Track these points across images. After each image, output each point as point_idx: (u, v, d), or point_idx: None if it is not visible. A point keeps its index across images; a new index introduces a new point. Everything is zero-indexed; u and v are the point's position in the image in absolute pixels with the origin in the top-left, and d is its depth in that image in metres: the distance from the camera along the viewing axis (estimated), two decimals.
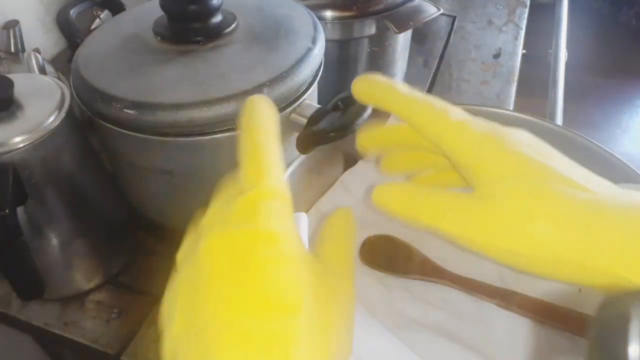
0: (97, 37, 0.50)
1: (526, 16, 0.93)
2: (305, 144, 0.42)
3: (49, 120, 0.40)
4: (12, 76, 0.42)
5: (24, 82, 0.42)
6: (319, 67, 0.48)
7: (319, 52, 0.47)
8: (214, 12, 0.46)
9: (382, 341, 0.37)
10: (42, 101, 0.41)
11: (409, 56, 0.74)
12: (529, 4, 0.96)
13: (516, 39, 0.88)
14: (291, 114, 0.45)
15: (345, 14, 0.59)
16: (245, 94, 0.42)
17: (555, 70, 0.97)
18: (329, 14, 0.59)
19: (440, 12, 0.63)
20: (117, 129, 0.43)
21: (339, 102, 0.44)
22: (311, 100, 0.48)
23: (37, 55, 0.61)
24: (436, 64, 0.85)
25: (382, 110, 0.28)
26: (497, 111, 0.47)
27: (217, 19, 0.47)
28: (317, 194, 0.47)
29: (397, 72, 0.71)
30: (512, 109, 0.75)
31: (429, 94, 0.26)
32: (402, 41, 0.68)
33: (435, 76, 0.82)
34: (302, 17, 0.50)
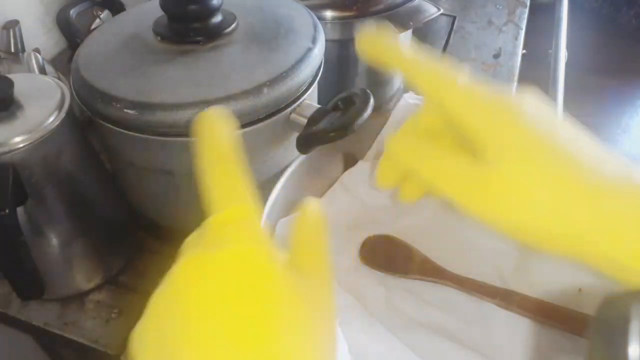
0: (97, 37, 0.50)
1: (526, 16, 0.93)
2: (305, 144, 0.42)
3: (49, 120, 0.40)
4: (12, 76, 0.42)
5: (24, 82, 0.42)
6: (319, 67, 0.48)
7: (319, 52, 0.47)
8: (214, 12, 0.46)
9: (382, 341, 0.37)
10: (42, 101, 0.41)
11: None
12: (529, 4, 0.96)
13: (516, 39, 0.88)
14: (291, 114, 0.45)
15: (345, 14, 0.59)
16: (245, 94, 0.42)
17: (555, 70, 0.97)
18: (329, 14, 0.59)
19: (440, 12, 0.63)
20: (117, 129, 0.43)
21: (339, 102, 0.44)
22: (311, 100, 0.48)
23: (37, 55, 0.61)
24: None
25: (387, 68, 0.27)
26: None
27: (217, 19, 0.47)
28: (317, 194, 0.47)
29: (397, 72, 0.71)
30: None
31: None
32: (402, 41, 0.68)
33: None
34: (302, 17, 0.50)
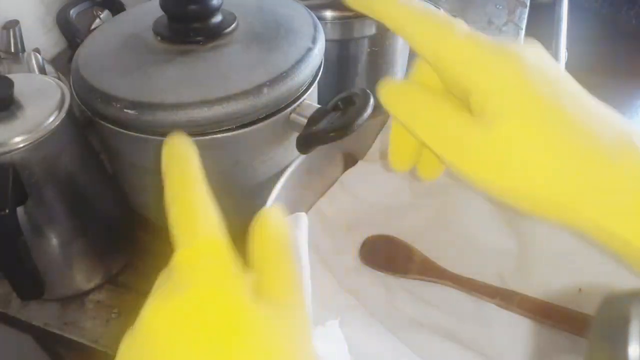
0: (97, 37, 0.50)
1: (526, 16, 0.93)
2: (305, 144, 0.42)
3: (49, 120, 0.40)
4: (12, 76, 0.42)
5: (24, 82, 0.42)
6: (319, 67, 0.48)
7: (319, 52, 0.47)
8: (214, 12, 0.46)
9: (382, 341, 0.37)
10: (42, 101, 0.41)
11: (409, 56, 0.74)
12: (529, 4, 0.96)
13: (516, 39, 0.88)
14: (291, 114, 0.45)
15: (345, 14, 0.59)
16: (245, 94, 0.42)
17: None
18: (329, 14, 0.59)
19: None
20: (117, 129, 0.43)
21: (339, 102, 0.44)
22: (311, 100, 0.48)
23: (37, 55, 0.61)
24: None
25: (375, 19, 0.25)
26: None
27: (217, 19, 0.47)
28: (317, 194, 0.47)
29: (397, 72, 0.71)
30: None
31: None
32: (402, 41, 0.68)
33: None
34: (302, 17, 0.50)
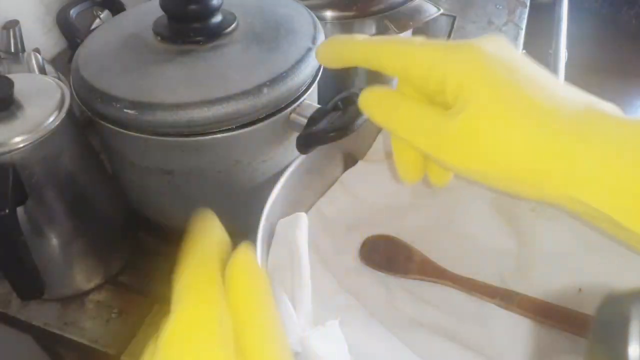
0: (97, 37, 0.50)
1: (526, 16, 0.93)
2: (305, 144, 0.42)
3: (49, 120, 0.40)
4: (12, 76, 0.42)
5: (24, 82, 0.42)
6: (319, 67, 0.48)
7: None
8: (214, 12, 0.46)
9: (382, 341, 0.37)
10: (42, 101, 0.41)
11: None
12: (529, 4, 0.96)
13: (516, 39, 0.88)
14: (291, 114, 0.45)
15: (345, 14, 0.59)
16: (245, 94, 0.42)
17: (555, 70, 0.97)
18: (329, 14, 0.59)
19: (440, 12, 0.63)
20: (117, 129, 0.43)
21: (339, 102, 0.44)
22: (311, 100, 0.48)
23: (37, 55, 0.61)
24: None
25: (348, 66, 0.27)
26: None
27: (217, 19, 0.47)
28: (317, 194, 0.47)
29: None
30: None
31: None
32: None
33: None
34: (302, 17, 0.50)
